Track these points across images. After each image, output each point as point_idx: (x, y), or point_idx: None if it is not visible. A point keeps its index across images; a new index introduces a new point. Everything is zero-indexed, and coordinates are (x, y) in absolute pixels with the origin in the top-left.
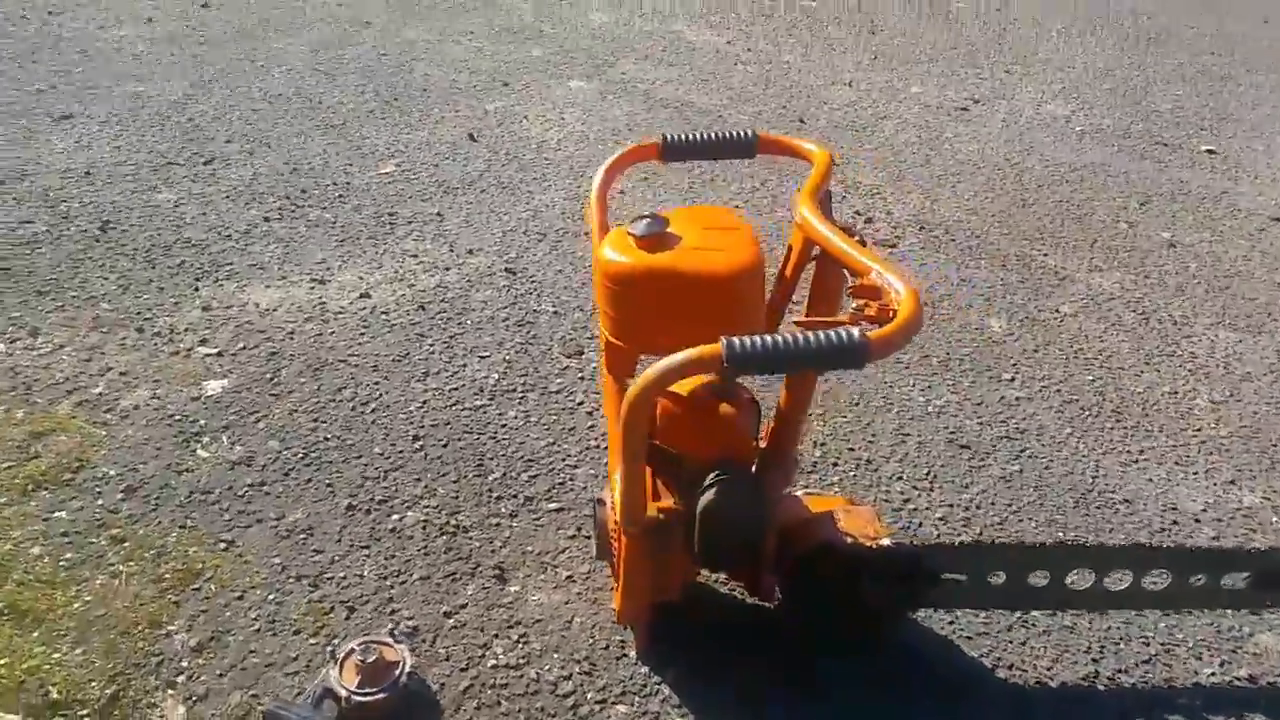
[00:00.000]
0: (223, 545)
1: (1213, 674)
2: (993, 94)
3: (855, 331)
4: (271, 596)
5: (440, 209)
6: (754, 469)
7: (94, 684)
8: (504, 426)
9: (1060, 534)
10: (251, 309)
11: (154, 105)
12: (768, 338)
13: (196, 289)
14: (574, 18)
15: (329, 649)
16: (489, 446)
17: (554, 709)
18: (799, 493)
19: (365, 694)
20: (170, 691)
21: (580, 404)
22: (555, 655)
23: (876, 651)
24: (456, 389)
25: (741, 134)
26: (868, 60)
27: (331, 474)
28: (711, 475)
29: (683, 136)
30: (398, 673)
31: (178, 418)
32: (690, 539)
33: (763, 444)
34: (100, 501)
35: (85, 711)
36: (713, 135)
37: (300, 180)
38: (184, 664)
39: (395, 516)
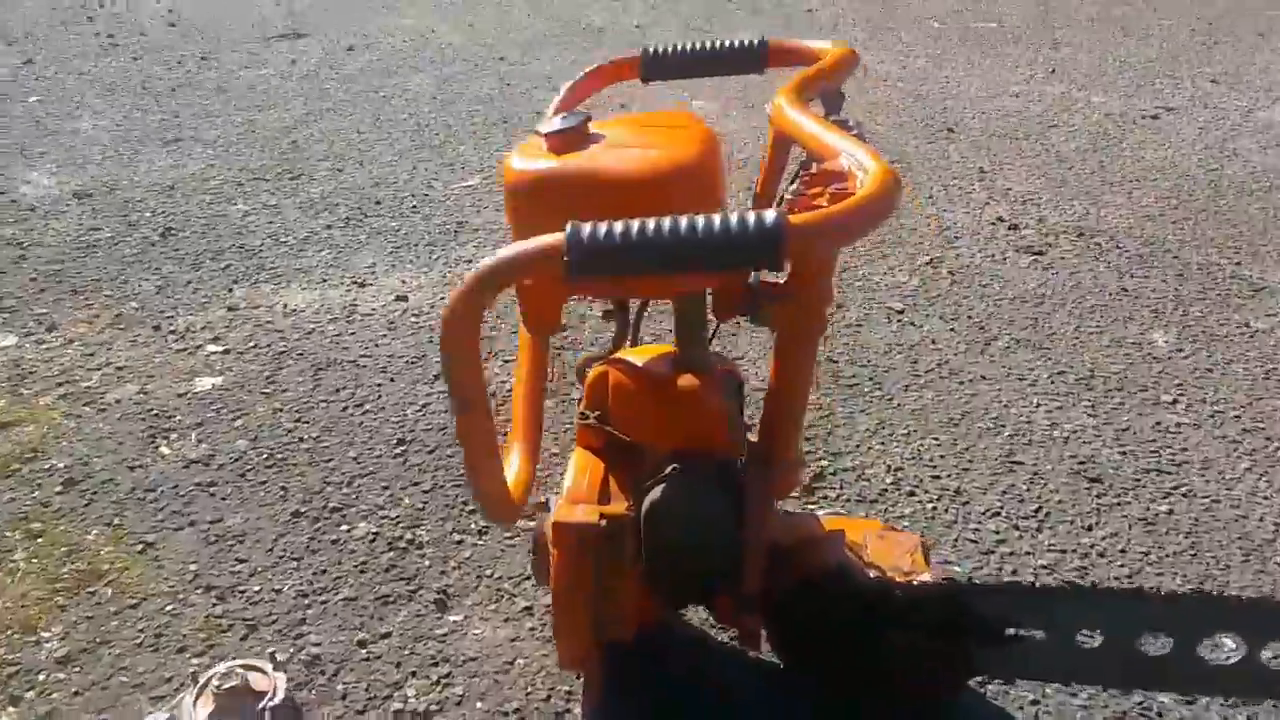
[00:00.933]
0: (140, 548)
1: None
2: (1191, 102)
3: (769, 214)
4: (169, 607)
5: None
6: (739, 467)
7: None
8: (506, 435)
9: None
10: (278, 310)
11: (263, 130)
12: (636, 223)
13: (231, 291)
14: None
15: (191, 672)
16: None
17: None
18: (822, 513)
19: None
20: (12, 709)
21: None
22: (479, 704)
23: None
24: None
25: (746, 43)
26: (1043, 74)
27: (291, 478)
28: (668, 468)
29: (670, 49)
30: (260, 705)
31: (155, 413)
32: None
33: (753, 439)
34: (35, 494)
35: None
36: (709, 45)
37: (378, 193)
38: (40, 677)
39: (344, 527)
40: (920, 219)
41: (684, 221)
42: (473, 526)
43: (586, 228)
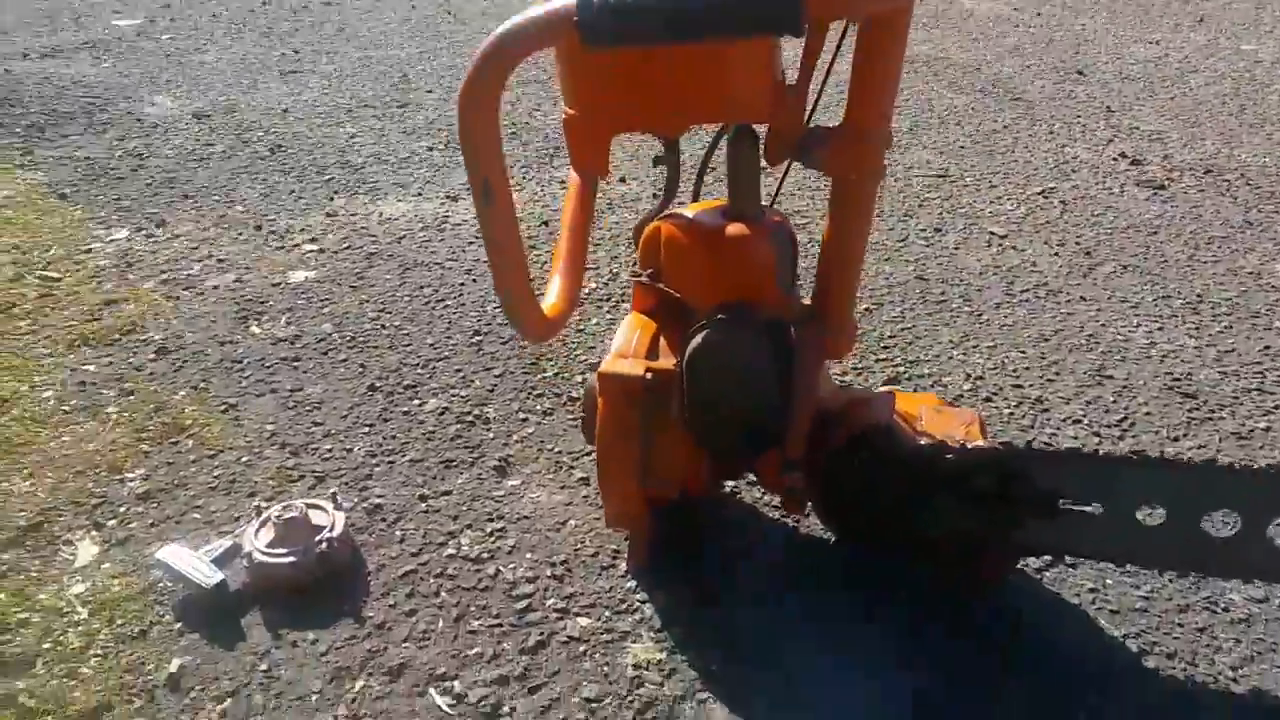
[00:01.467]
0: (224, 408)
1: None
2: None
3: None
4: (244, 459)
5: (619, 142)
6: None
7: (22, 513)
8: (579, 331)
9: None
10: (374, 218)
11: (378, 65)
12: None
13: (331, 200)
14: None
15: (256, 506)
16: (553, 348)
17: (498, 609)
18: (879, 390)
19: (271, 554)
20: (94, 533)
21: None
22: (529, 555)
23: (964, 597)
24: (543, 294)
25: None
26: (1189, 23)
27: (371, 358)
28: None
29: None
30: (317, 538)
31: (249, 299)
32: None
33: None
34: (131, 360)
35: None
36: None
37: None
38: (122, 509)
39: (416, 402)
40: (1036, 152)
41: None
42: (537, 407)
43: None
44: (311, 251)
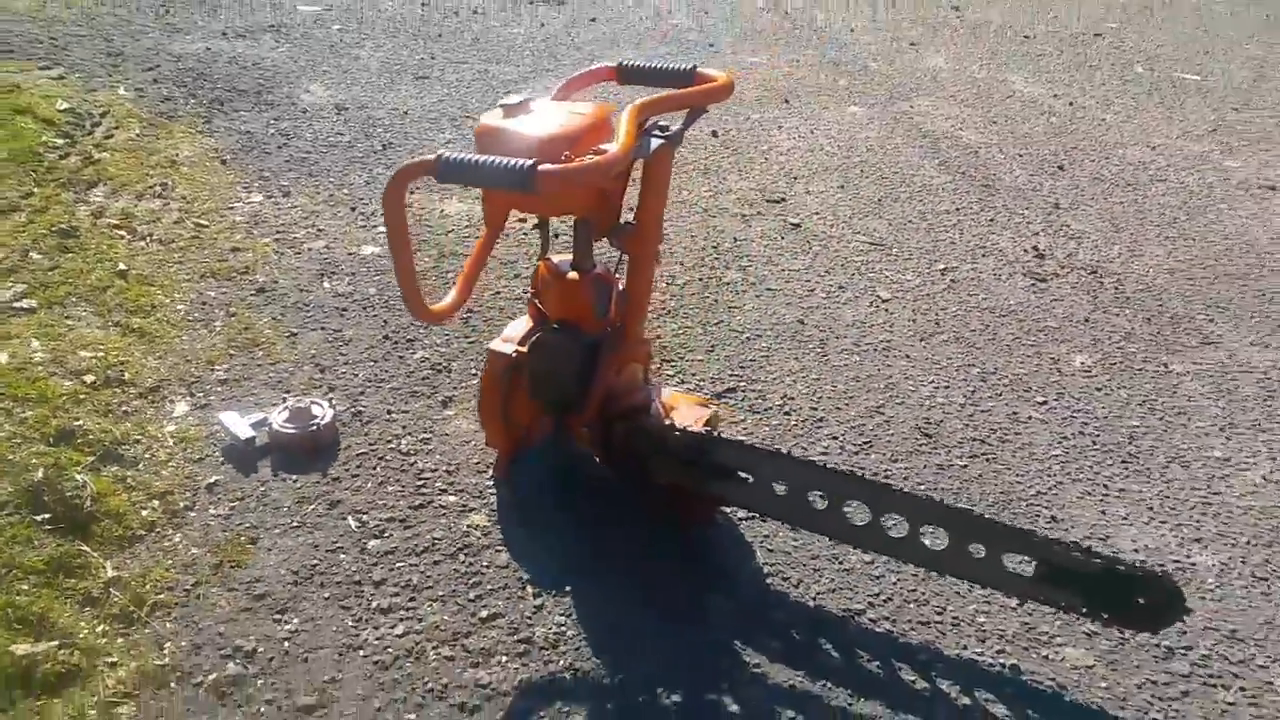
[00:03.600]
0: (288, 335)
1: (980, 654)
2: None
3: (528, 161)
4: (291, 370)
5: None
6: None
7: (150, 379)
8: None
9: None
10: (436, 213)
11: (493, 79)
12: (476, 157)
13: (412, 193)
14: (909, 61)
15: (283, 398)
16: None
17: (405, 483)
18: (675, 388)
19: (283, 427)
20: (187, 398)
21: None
22: (438, 456)
23: (681, 528)
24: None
25: (682, 68)
26: (1200, 132)
27: (393, 316)
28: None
29: (636, 64)
30: (313, 422)
31: (329, 261)
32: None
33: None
34: (239, 293)
35: (130, 392)
36: (661, 66)
37: None
38: (208, 388)
39: (409, 351)
40: (967, 234)
41: (492, 160)
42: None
43: (447, 153)
44: (383, 233)
